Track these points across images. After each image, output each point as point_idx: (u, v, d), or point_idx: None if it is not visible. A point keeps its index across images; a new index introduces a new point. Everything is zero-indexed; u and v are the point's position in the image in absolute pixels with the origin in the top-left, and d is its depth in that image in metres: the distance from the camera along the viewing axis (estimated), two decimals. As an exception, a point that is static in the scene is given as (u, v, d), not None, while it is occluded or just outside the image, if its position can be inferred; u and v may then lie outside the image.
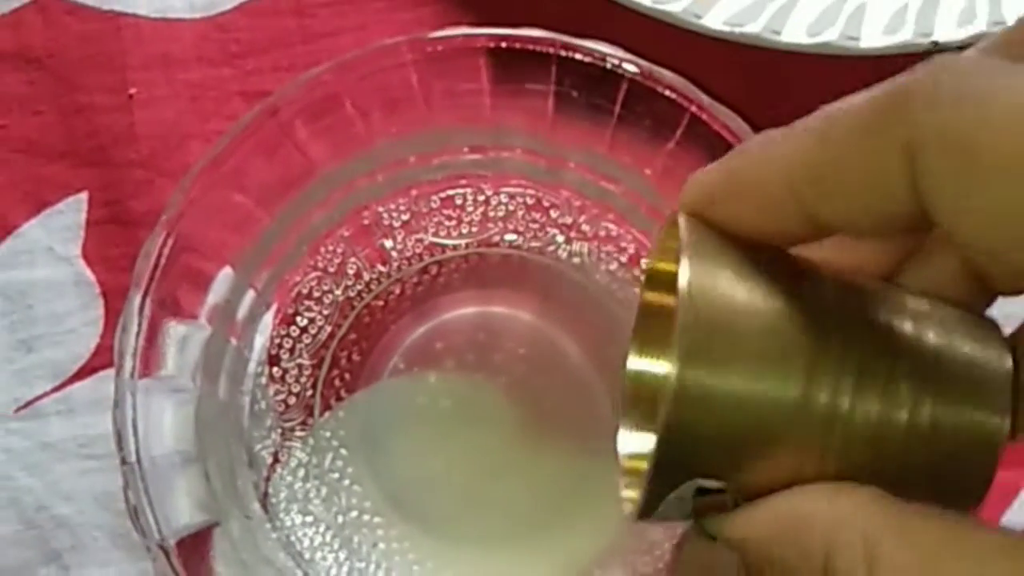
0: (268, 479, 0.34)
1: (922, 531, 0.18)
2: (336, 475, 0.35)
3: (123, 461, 0.29)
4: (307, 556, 0.33)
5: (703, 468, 0.19)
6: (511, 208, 0.37)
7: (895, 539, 0.18)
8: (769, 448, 0.19)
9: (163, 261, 0.31)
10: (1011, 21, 0.37)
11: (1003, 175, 0.16)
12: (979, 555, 0.17)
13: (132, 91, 0.39)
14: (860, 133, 0.18)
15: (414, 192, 0.36)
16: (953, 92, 0.17)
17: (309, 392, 0.36)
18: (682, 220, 0.20)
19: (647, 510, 0.20)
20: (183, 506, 0.30)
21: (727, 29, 0.38)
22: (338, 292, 0.36)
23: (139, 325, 0.30)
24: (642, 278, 0.24)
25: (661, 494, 0.19)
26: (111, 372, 0.30)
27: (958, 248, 0.19)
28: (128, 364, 0.30)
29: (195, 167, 0.31)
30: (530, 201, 0.37)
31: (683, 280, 0.18)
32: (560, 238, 0.36)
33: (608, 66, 0.33)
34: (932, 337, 0.19)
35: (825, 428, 0.19)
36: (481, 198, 0.37)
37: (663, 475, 0.19)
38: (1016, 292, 0.20)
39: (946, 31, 0.37)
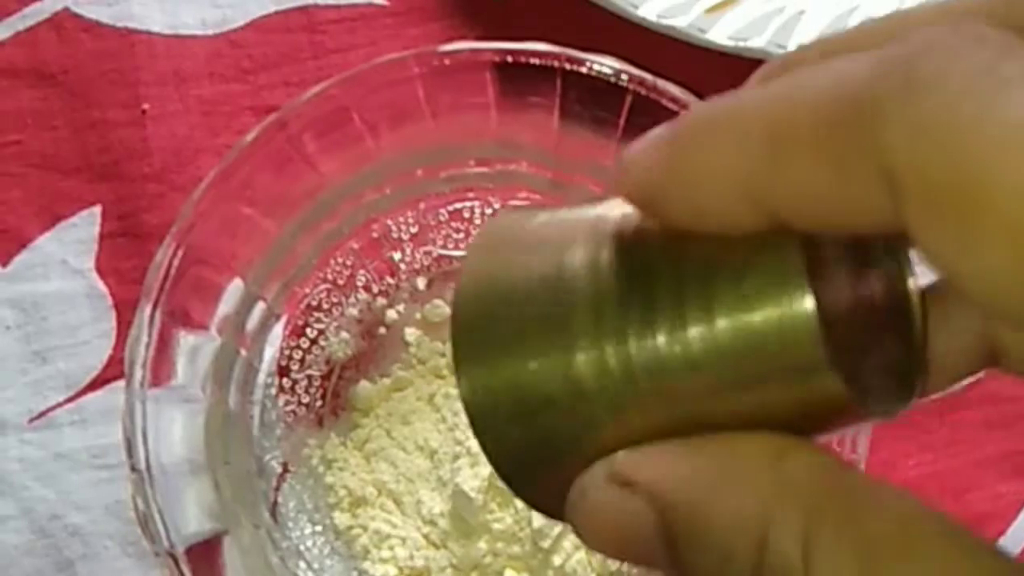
0: (278, 488, 0.35)
1: (870, 520, 0.15)
2: (344, 485, 0.35)
3: (132, 468, 0.29)
4: (316, 565, 0.34)
5: (560, 456, 0.18)
6: (518, 220, 0.37)
7: (835, 533, 0.15)
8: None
9: (173, 272, 0.31)
10: None
11: (1011, 239, 0.13)
12: (926, 556, 0.15)
13: (145, 106, 0.40)
14: (820, 149, 0.14)
15: (422, 205, 0.37)
16: (936, 118, 0.13)
17: (319, 403, 0.36)
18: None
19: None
20: (192, 514, 0.30)
21: (732, 43, 0.38)
22: (347, 304, 0.36)
23: (149, 335, 0.30)
24: None
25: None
26: (124, 383, 0.31)
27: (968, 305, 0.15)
28: (138, 374, 0.30)
29: (205, 180, 0.32)
30: (537, 213, 0.37)
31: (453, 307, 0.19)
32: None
33: (613, 80, 0.33)
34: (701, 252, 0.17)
35: (626, 380, 0.17)
36: (489, 211, 0.37)
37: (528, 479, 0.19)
38: None
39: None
